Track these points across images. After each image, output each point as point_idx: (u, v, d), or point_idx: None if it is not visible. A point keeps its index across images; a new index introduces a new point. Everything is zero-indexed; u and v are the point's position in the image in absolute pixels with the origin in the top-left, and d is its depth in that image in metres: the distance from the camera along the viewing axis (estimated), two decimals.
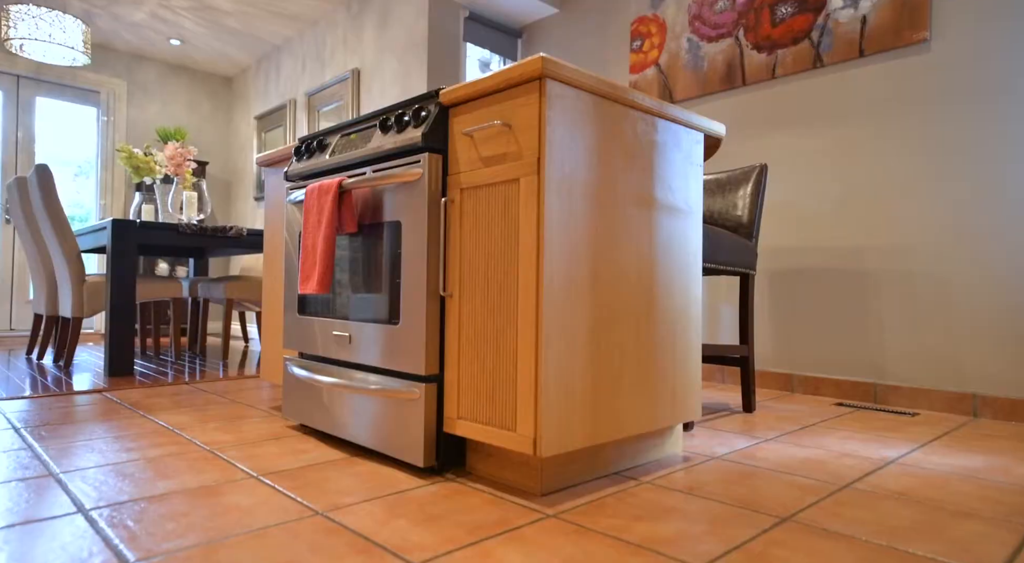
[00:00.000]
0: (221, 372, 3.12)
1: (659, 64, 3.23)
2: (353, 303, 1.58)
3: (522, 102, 1.23)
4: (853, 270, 2.54)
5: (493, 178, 1.27)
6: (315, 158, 1.74)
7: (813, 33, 2.64)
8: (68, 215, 5.69)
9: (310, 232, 1.59)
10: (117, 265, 2.97)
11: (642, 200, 1.42)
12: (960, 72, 2.28)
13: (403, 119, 1.45)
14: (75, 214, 5.46)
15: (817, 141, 2.66)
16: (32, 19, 3.45)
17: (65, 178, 5.38)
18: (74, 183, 5.40)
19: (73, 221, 6.04)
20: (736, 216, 2.25)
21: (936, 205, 2.33)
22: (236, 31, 4.81)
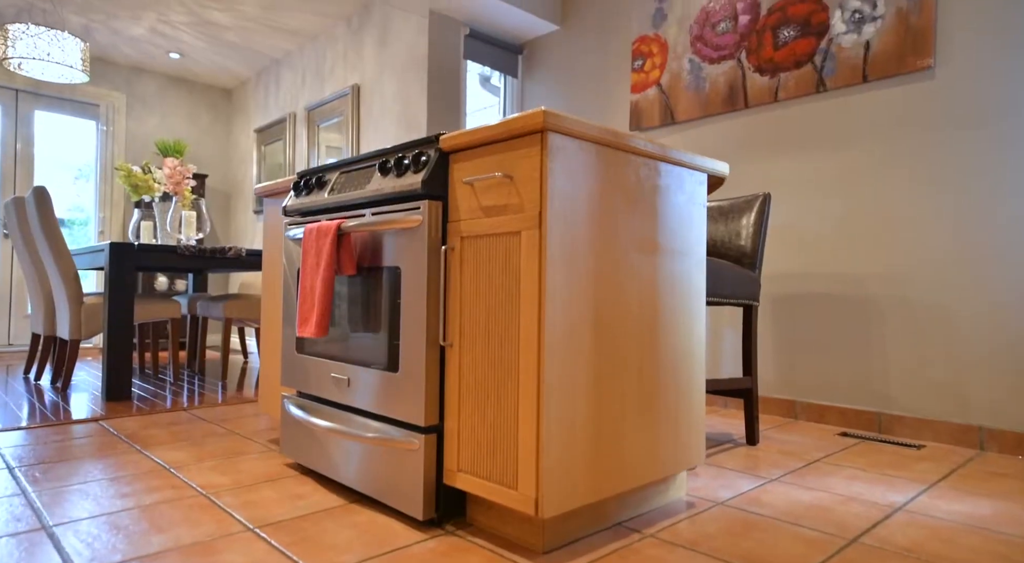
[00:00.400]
0: (220, 395, 3.10)
1: (660, 84, 3.21)
2: (352, 346, 1.55)
3: (523, 154, 1.20)
4: (856, 296, 2.51)
5: (494, 229, 1.25)
6: (314, 195, 1.72)
7: (816, 57, 2.62)
8: (68, 218, 5.68)
9: (308, 274, 1.57)
10: (115, 288, 2.95)
11: (645, 245, 1.39)
12: (964, 99, 2.26)
13: (403, 162, 1.42)
14: (75, 218, 5.46)
15: (820, 165, 2.64)
16: (30, 38, 3.44)
17: (65, 181, 5.37)
18: (74, 186, 5.40)
19: (74, 224, 6.02)
20: (739, 245, 2.23)
21: (939, 233, 2.31)
22: (235, 45, 4.80)
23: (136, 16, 4.30)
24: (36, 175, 5.03)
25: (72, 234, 6.18)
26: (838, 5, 2.55)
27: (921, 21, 2.33)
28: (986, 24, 2.21)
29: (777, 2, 2.75)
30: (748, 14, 2.85)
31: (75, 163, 5.29)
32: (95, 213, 5.35)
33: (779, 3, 2.74)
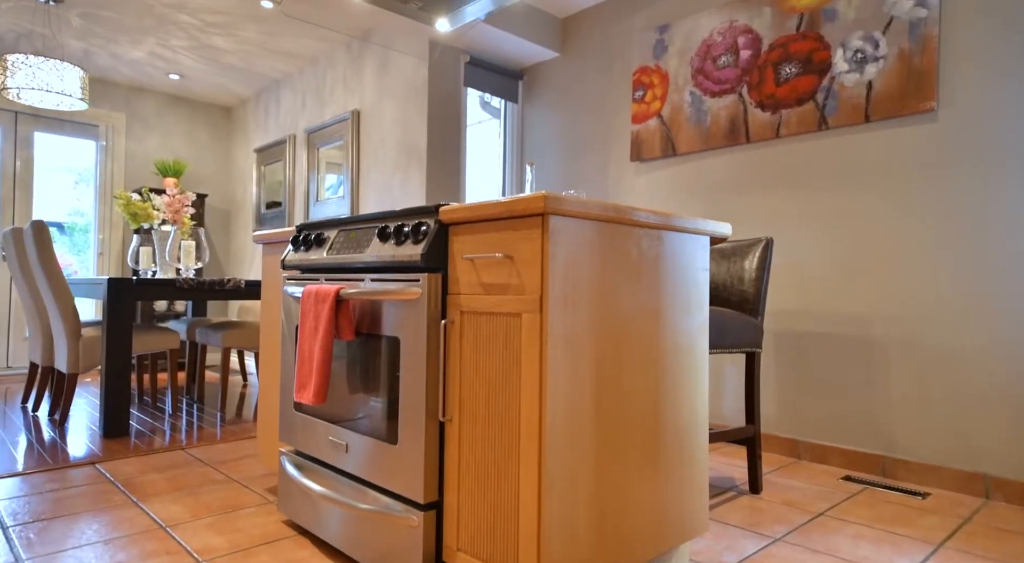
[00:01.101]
0: (218, 428, 3.08)
1: (661, 115, 3.20)
2: (350, 411, 1.53)
3: (524, 235, 1.19)
4: (859, 336, 2.49)
5: (494, 307, 1.23)
6: (312, 252, 1.71)
7: (818, 95, 2.60)
8: (68, 223, 5.67)
9: (307, 338, 1.55)
10: (113, 322, 2.93)
11: (648, 315, 1.38)
12: (967, 141, 2.24)
13: (403, 230, 1.41)
14: (76, 222, 5.45)
15: (822, 203, 2.62)
16: (29, 68, 3.43)
17: (65, 185, 5.36)
18: (75, 190, 5.39)
19: (74, 231, 6.00)
20: (741, 290, 2.21)
21: (943, 274, 2.29)
22: (235, 67, 4.79)
23: (136, 41, 4.29)
24: (36, 182, 5.00)
25: (73, 240, 6.17)
26: (840, 44, 2.54)
27: (924, 63, 2.31)
28: (989, 67, 2.20)
29: (778, 38, 2.74)
30: (749, 49, 2.83)
31: (75, 166, 5.28)
32: (94, 233, 5.34)
33: (780, 39, 2.73)
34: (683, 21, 3.11)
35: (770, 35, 2.76)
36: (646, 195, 3.29)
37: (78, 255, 6.08)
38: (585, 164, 3.62)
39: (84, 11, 3.80)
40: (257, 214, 5.40)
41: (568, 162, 3.72)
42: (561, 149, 3.78)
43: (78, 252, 6.10)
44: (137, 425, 3.17)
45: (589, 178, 3.59)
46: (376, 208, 3.98)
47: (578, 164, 3.66)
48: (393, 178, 3.85)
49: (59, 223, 6.28)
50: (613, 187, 3.46)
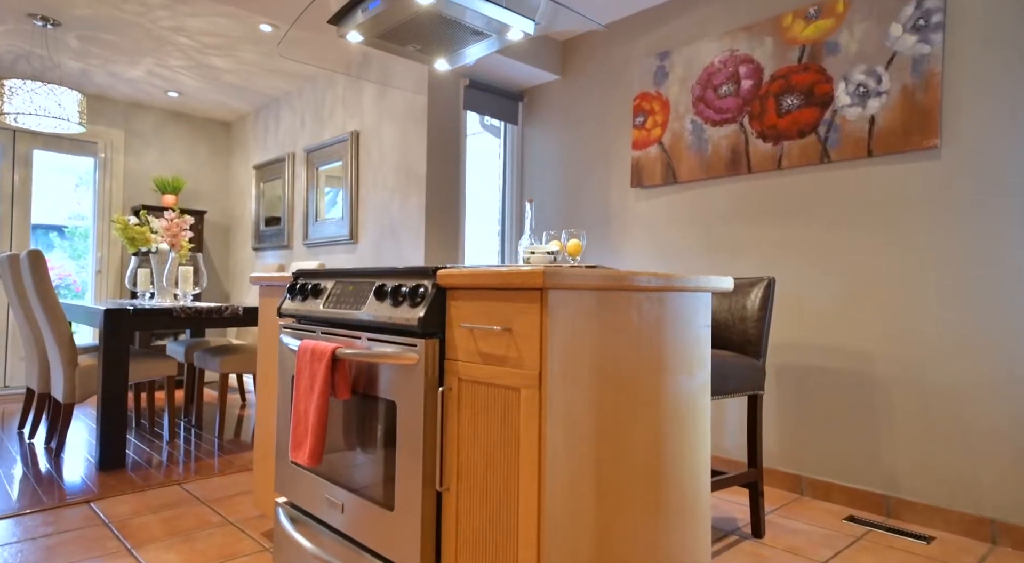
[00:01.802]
0: (216, 459, 3.05)
1: (662, 142, 3.18)
2: (347, 471, 1.51)
3: (522, 308, 1.16)
4: (862, 373, 2.47)
5: (493, 378, 1.21)
6: (309, 302, 1.68)
7: (820, 128, 2.58)
8: (69, 227, 5.66)
9: (302, 396, 1.52)
10: (110, 353, 2.91)
11: (650, 378, 1.35)
12: (971, 180, 2.22)
13: (400, 290, 1.39)
14: (76, 226, 5.44)
15: (824, 236, 2.60)
16: (27, 93, 3.41)
17: (66, 189, 5.34)
18: (75, 194, 5.38)
19: (74, 235, 5.99)
20: (743, 331, 2.19)
21: (945, 313, 2.27)
22: (234, 85, 4.78)
23: (134, 61, 4.28)
24: (36, 184, 4.97)
25: (73, 245, 6.15)
26: (842, 77, 2.52)
27: (927, 99, 2.29)
28: (993, 105, 2.18)
29: (780, 69, 2.72)
30: (751, 79, 2.81)
31: (76, 169, 5.28)
32: (93, 251, 5.32)
33: (782, 70, 2.71)
34: (684, 48, 3.09)
35: (771, 65, 2.74)
36: (646, 222, 3.27)
37: (77, 260, 6.07)
38: (585, 187, 3.60)
39: (82, 33, 3.79)
40: (256, 231, 5.38)
41: (568, 184, 3.70)
42: (561, 170, 3.76)
43: (77, 257, 6.09)
44: (133, 454, 3.14)
45: (589, 202, 3.57)
46: (376, 229, 3.96)
47: (578, 187, 3.64)
48: (392, 200, 3.83)
49: (60, 226, 6.27)
50: (614, 212, 3.44)
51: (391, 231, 3.83)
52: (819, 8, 2.59)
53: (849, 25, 2.50)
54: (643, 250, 3.28)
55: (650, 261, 3.24)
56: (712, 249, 2.99)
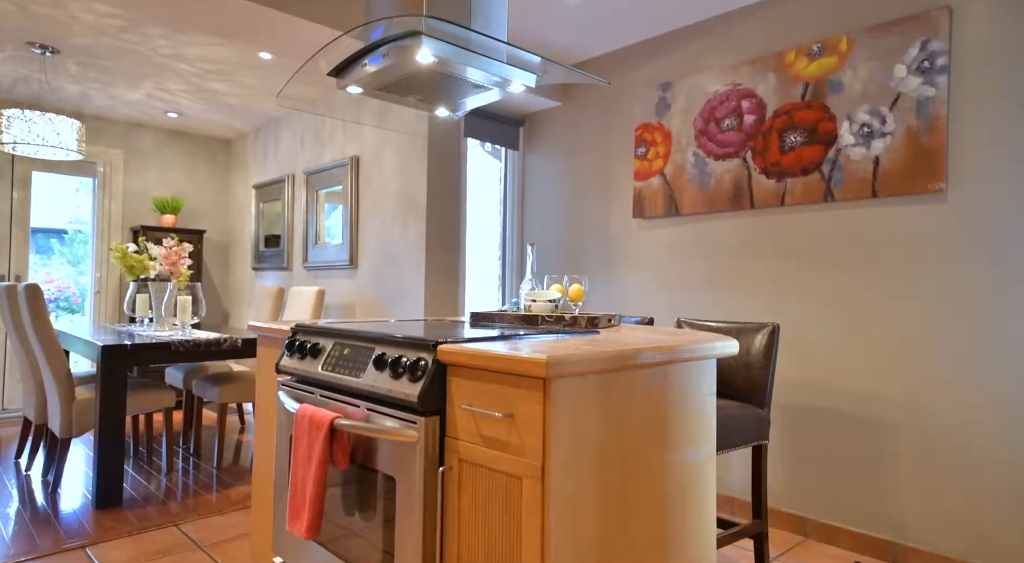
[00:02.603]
0: (214, 496, 3.02)
1: (664, 174, 3.15)
2: (345, 541, 1.48)
3: (525, 395, 1.14)
4: (868, 416, 2.44)
5: (494, 463, 1.18)
6: (307, 362, 1.66)
7: (824, 166, 2.56)
8: (69, 232, 5.64)
9: (300, 464, 1.50)
10: (107, 390, 2.88)
11: (655, 457, 1.33)
12: (977, 225, 2.20)
13: (400, 362, 1.36)
14: (77, 230, 5.42)
15: (829, 275, 2.57)
16: (24, 123, 3.39)
17: (66, 193, 5.32)
18: (75, 198, 5.36)
19: (74, 242, 5.96)
20: (748, 378, 2.16)
21: (951, 360, 2.24)
22: (234, 106, 4.76)
23: (133, 85, 4.26)
24: (35, 190, 4.95)
25: (73, 251, 6.13)
26: (846, 116, 2.50)
27: (932, 142, 2.27)
28: (1000, 150, 2.16)
29: (783, 105, 2.69)
30: (754, 114, 2.79)
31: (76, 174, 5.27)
32: (92, 271, 5.30)
33: (785, 106, 2.69)
34: (685, 80, 3.07)
35: (774, 101, 2.72)
36: (648, 253, 3.24)
37: (76, 266, 6.05)
38: (587, 215, 3.58)
39: (81, 60, 3.77)
40: (256, 251, 5.36)
41: (569, 211, 3.68)
42: (562, 197, 3.74)
43: (77, 262, 6.07)
44: (130, 488, 3.11)
45: (591, 230, 3.55)
46: (376, 255, 3.94)
47: (580, 214, 3.62)
48: (393, 226, 3.81)
49: (60, 230, 6.25)
50: (615, 242, 3.42)
51: (391, 258, 3.81)
52: (822, 46, 2.57)
53: (853, 64, 2.48)
54: (645, 282, 3.26)
55: (652, 293, 3.22)
56: (715, 283, 2.96)
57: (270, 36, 2.83)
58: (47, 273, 6.44)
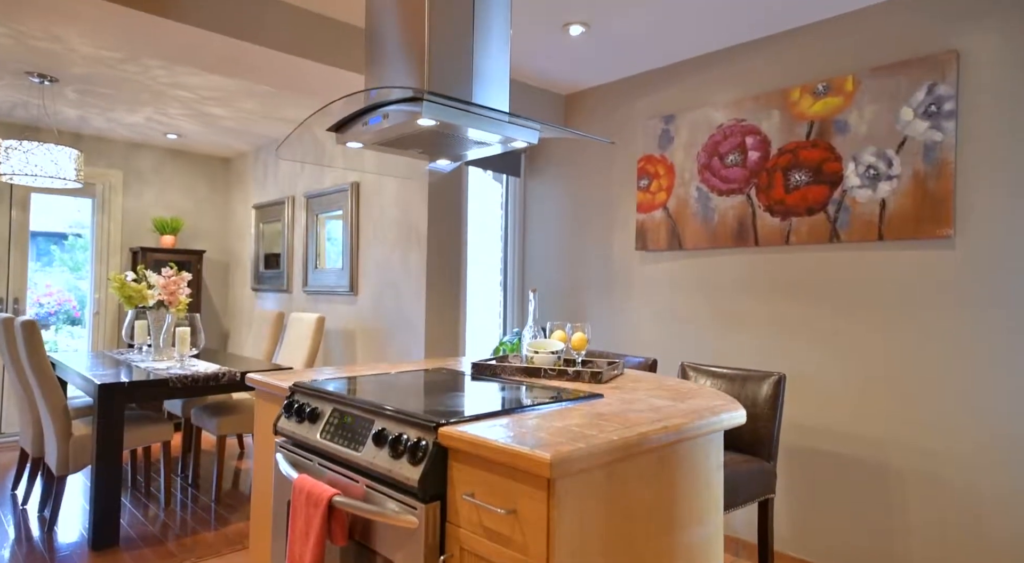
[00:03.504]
0: (211, 533, 2.99)
1: (667, 207, 3.12)
2: None
3: (528, 492, 1.11)
4: (875, 462, 2.40)
5: (496, 557, 1.15)
6: (305, 426, 1.63)
7: (829, 207, 2.53)
8: (70, 239, 5.61)
9: (297, 539, 1.46)
10: (104, 427, 2.85)
11: (662, 541, 1.29)
12: (986, 273, 2.17)
13: (400, 440, 1.33)
14: (77, 234, 5.41)
15: (835, 317, 2.54)
16: (23, 153, 3.37)
17: (65, 198, 5.29)
18: (75, 201, 5.34)
19: (74, 248, 5.93)
20: (754, 430, 2.12)
21: (962, 406, 2.21)
22: (233, 129, 4.74)
23: (133, 110, 4.24)
24: (34, 198, 4.93)
25: (73, 257, 6.10)
26: (852, 157, 2.47)
27: (939, 188, 2.24)
28: (1009, 197, 2.13)
29: (788, 143, 2.67)
30: (758, 151, 2.77)
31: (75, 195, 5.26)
32: (90, 294, 5.27)
33: (790, 145, 2.66)
34: (689, 113, 3.04)
35: (779, 139, 2.70)
36: (651, 286, 3.21)
37: (76, 272, 6.02)
38: (589, 245, 3.55)
39: (79, 88, 3.75)
40: (256, 272, 5.33)
41: (571, 240, 3.65)
42: (564, 226, 3.71)
43: (77, 268, 6.04)
44: (127, 525, 3.08)
45: (593, 260, 3.52)
46: (376, 283, 3.91)
47: (581, 244, 3.59)
48: (393, 254, 3.78)
49: (61, 234, 6.23)
50: (617, 273, 3.39)
51: (392, 286, 3.78)
52: (827, 85, 2.54)
53: (859, 105, 2.45)
54: (647, 315, 3.23)
55: (655, 327, 3.19)
56: (718, 320, 2.93)
57: (270, 74, 2.81)
58: (47, 286, 6.41)
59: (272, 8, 2.51)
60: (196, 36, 2.37)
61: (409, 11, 1.63)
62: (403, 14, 1.65)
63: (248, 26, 2.42)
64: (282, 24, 2.53)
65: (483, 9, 1.69)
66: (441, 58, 1.59)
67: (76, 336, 6.16)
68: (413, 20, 1.61)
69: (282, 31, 2.53)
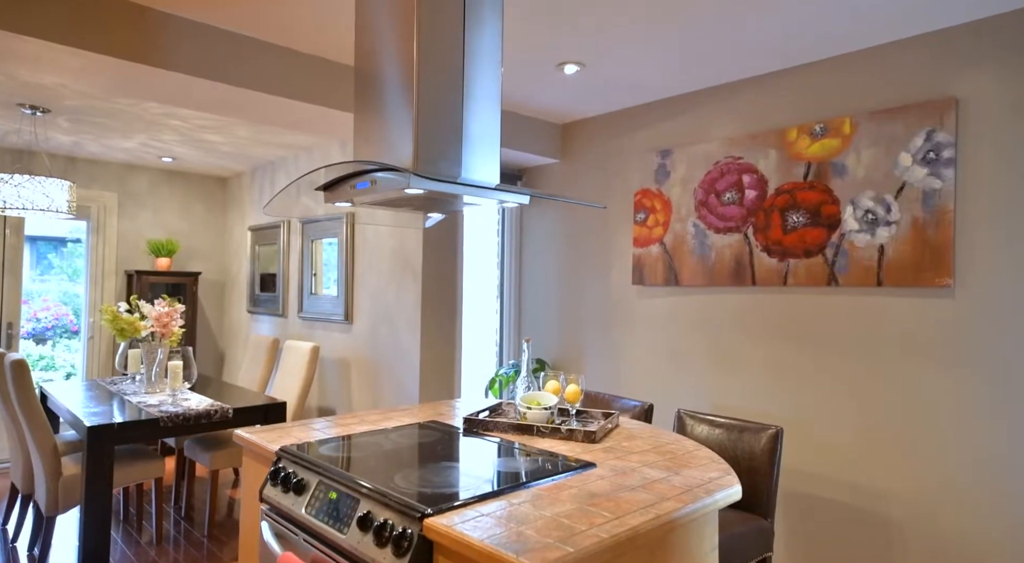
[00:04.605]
0: (204, 560, 2.95)
1: (664, 243, 3.09)
2: None
3: None
4: (876, 513, 2.37)
5: None
6: (291, 498, 1.59)
7: (827, 250, 2.50)
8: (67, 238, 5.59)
9: None
10: (93, 468, 2.82)
11: None
12: (986, 324, 2.13)
13: (386, 526, 1.29)
14: (75, 239, 5.39)
15: (833, 362, 2.51)
16: (14, 187, 3.34)
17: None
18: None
19: (74, 255, 5.90)
20: (752, 483, 2.09)
21: (964, 458, 2.17)
22: (229, 153, 4.72)
23: (127, 136, 4.21)
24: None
25: (73, 265, 6.07)
26: (850, 201, 2.44)
27: (939, 236, 2.21)
28: (1010, 247, 2.09)
29: (785, 184, 2.64)
30: (755, 190, 2.74)
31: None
32: (84, 317, 5.24)
33: (787, 185, 2.63)
34: (685, 149, 3.01)
35: (776, 178, 2.67)
36: (648, 320, 3.18)
37: (75, 279, 5.98)
38: (585, 276, 3.52)
39: (72, 117, 3.73)
40: (252, 294, 5.30)
41: (567, 271, 3.62)
42: (560, 256, 3.68)
43: (75, 275, 6.01)
44: (118, 562, 3.04)
45: (589, 292, 3.49)
46: (371, 313, 3.87)
47: (578, 275, 3.56)
48: (388, 287, 3.75)
49: (60, 238, 6.19)
50: (614, 305, 3.35)
51: (387, 317, 3.74)
52: (825, 126, 2.51)
53: (856, 148, 2.42)
54: (643, 350, 3.19)
55: (650, 363, 3.15)
56: (714, 359, 2.89)
57: (261, 114, 2.78)
58: (44, 300, 6.38)
59: (260, 51, 2.48)
60: (184, 81, 2.34)
61: (399, 77, 1.60)
62: (392, 77, 1.62)
63: (236, 71, 2.39)
64: (270, 66, 2.50)
65: (473, 70, 1.66)
66: (431, 124, 1.56)
67: (73, 350, 6.12)
68: (402, 85, 1.58)
69: (271, 74, 2.50)
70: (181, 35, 2.25)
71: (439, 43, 1.59)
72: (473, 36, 1.67)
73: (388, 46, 1.64)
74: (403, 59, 1.58)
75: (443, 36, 1.60)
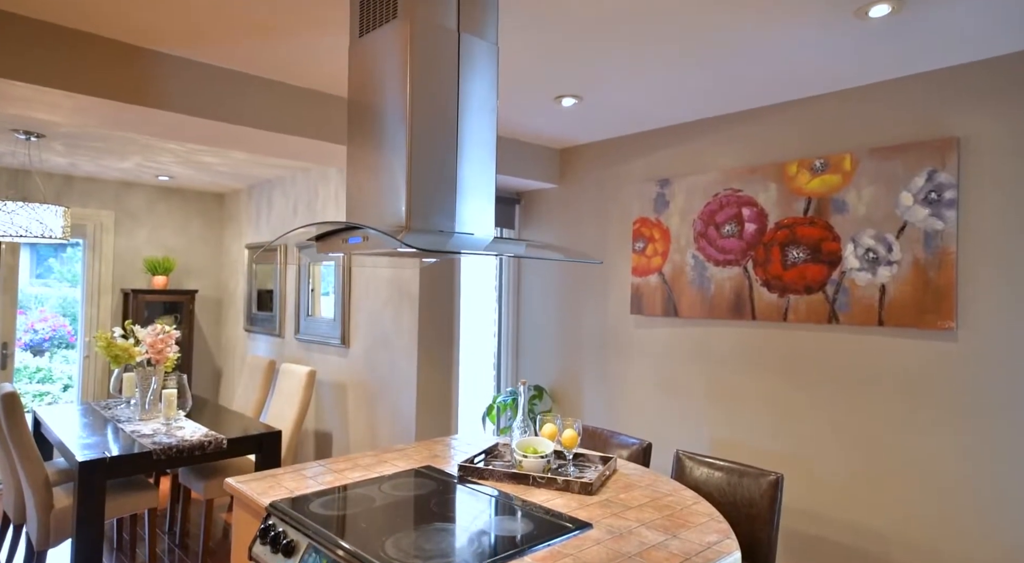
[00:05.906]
0: None
1: (663, 273, 3.06)
2: None
3: None
4: (877, 555, 2.33)
5: None
6: (279, 559, 1.56)
7: (828, 287, 2.47)
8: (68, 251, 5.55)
9: None
10: (84, 501, 2.78)
11: None
12: (989, 369, 2.10)
13: None
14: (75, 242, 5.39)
15: (832, 400, 2.48)
16: (7, 214, 3.31)
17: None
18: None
19: (73, 258, 5.87)
20: (749, 532, 2.05)
21: (965, 501, 2.14)
22: (226, 172, 4.69)
23: (123, 158, 4.19)
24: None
25: (73, 269, 6.04)
26: (851, 238, 2.41)
27: (941, 278, 2.18)
28: (1014, 291, 2.06)
29: (785, 218, 2.61)
30: (754, 223, 2.71)
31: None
32: (81, 336, 5.20)
33: (787, 220, 2.60)
34: (684, 179, 2.99)
35: (776, 213, 2.64)
36: (646, 351, 3.15)
37: (75, 285, 5.95)
38: (583, 304, 3.49)
39: (67, 142, 3.70)
40: (248, 312, 5.27)
41: (566, 297, 3.59)
42: (559, 282, 3.65)
43: (73, 277, 5.98)
44: None
45: (588, 320, 3.46)
46: (368, 337, 3.84)
47: (576, 303, 3.53)
48: (384, 311, 3.72)
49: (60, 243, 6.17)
50: (612, 334, 3.32)
51: (383, 342, 3.71)
52: (826, 162, 2.48)
53: (857, 185, 2.39)
54: (642, 382, 3.16)
55: (649, 396, 3.12)
56: (714, 392, 2.86)
57: (254, 146, 2.76)
58: (41, 312, 6.36)
59: (252, 87, 2.45)
60: (176, 119, 2.31)
61: (391, 128, 1.57)
62: (385, 128, 1.60)
63: (229, 107, 2.37)
64: (263, 101, 2.48)
65: (467, 121, 1.63)
66: (424, 176, 1.53)
67: (71, 361, 6.09)
68: (394, 137, 1.55)
69: (264, 109, 2.48)
70: (173, 74, 2.22)
71: (432, 94, 1.57)
72: (467, 86, 1.64)
73: (380, 96, 1.61)
74: (395, 109, 1.56)
75: (436, 87, 1.57)
